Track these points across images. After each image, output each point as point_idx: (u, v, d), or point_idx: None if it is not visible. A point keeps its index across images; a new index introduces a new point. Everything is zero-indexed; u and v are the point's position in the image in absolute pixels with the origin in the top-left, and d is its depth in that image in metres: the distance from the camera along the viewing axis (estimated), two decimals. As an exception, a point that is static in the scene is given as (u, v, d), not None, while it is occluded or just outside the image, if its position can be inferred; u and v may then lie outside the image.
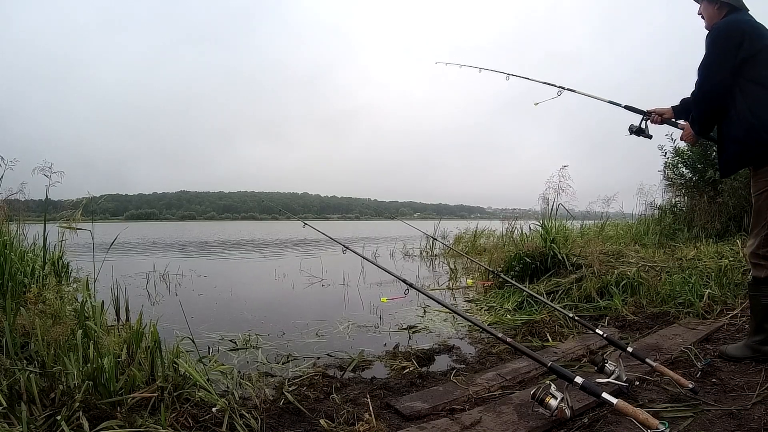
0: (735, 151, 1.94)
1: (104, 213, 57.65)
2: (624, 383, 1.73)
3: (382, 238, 16.27)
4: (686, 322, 2.78)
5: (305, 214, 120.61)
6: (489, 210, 30.69)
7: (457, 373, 2.23)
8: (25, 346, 2.01)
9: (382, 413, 1.76)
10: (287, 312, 3.98)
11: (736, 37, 1.85)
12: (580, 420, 1.55)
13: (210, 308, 4.14)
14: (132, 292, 4.45)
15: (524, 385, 2.01)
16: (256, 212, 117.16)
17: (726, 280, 3.25)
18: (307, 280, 5.88)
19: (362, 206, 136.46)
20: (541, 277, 4.19)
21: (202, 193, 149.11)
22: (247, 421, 1.64)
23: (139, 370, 1.78)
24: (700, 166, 5.36)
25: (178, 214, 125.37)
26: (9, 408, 1.51)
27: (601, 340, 2.37)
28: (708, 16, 2.05)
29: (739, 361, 1.97)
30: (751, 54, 1.84)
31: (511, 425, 1.53)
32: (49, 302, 2.24)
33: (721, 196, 5.15)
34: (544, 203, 5.03)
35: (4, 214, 3.00)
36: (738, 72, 1.86)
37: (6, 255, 2.59)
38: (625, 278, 3.58)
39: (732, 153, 1.95)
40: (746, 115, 1.85)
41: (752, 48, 1.84)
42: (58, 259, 3.94)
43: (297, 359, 2.63)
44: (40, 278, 3.06)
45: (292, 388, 2.03)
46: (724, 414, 1.50)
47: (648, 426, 1.27)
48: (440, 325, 3.47)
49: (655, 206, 6.39)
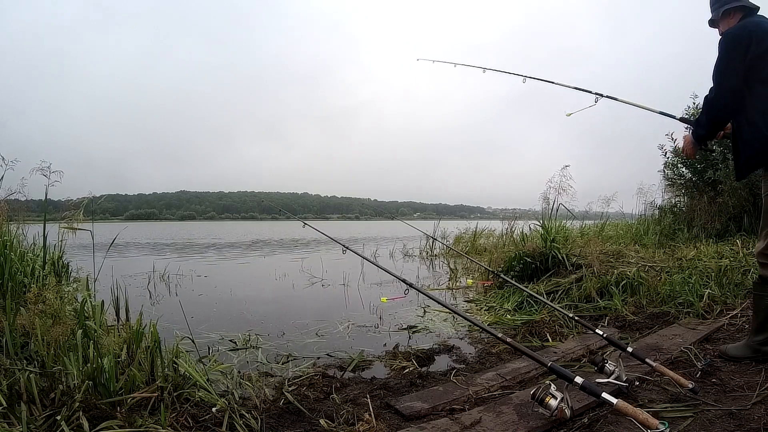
0: (747, 154, 1.94)
1: (104, 213, 57.70)
2: (624, 383, 1.73)
3: (382, 238, 16.27)
4: (686, 322, 2.78)
5: (305, 214, 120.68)
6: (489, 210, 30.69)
7: (457, 373, 2.23)
8: (25, 346, 2.01)
9: (382, 413, 1.76)
10: (287, 312, 3.98)
11: (744, 42, 1.86)
12: (580, 420, 1.55)
13: (210, 308, 4.14)
14: (132, 292, 4.45)
15: (524, 385, 2.01)
16: (256, 212, 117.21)
17: (726, 280, 3.25)
18: (307, 280, 5.88)
19: (362, 206, 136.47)
20: (541, 277, 4.19)
21: (202, 193, 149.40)
22: (247, 421, 1.64)
23: (139, 370, 1.78)
24: (699, 166, 5.36)
25: (178, 214, 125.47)
26: (9, 408, 1.51)
27: (601, 340, 2.37)
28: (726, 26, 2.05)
29: (739, 361, 1.97)
30: (758, 54, 1.84)
31: (511, 425, 1.53)
32: (49, 302, 2.24)
33: (721, 196, 5.15)
34: (545, 203, 5.04)
35: (4, 214, 3.00)
36: (747, 74, 1.86)
37: (6, 255, 2.59)
38: (625, 278, 3.58)
39: (745, 156, 1.96)
40: (755, 118, 1.85)
41: (758, 49, 1.84)
42: (58, 259, 3.94)
43: (297, 359, 2.63)
44: (40, 278, 3.05)
45: (292, 388, 2.03)
46: (724, 414, 1.50)
47: (648, 426, 1.27)
48: (440, 325, 3.47)
49: (655, 206, 6.40)
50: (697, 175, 5.45)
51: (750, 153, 1.92)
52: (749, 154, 1.93)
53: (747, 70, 1.86)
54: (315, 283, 5.66)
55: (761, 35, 1.85)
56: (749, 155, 1.93)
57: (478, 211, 62.67)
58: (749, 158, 1.94)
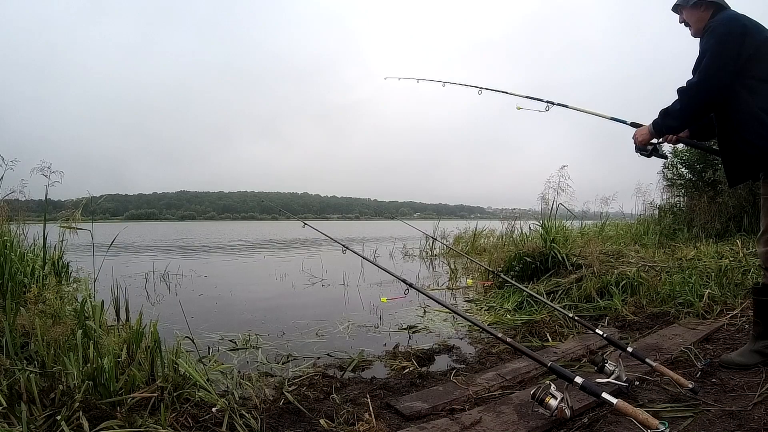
0: (752, 155, 1.78)
1: (104, 213, 57.68)
2: (624, 383, 1.73)
3: (382, 238, 16.27)
4: (686, 322, 2.78)
5: (305, 214, 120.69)
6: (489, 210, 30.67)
7: (457, 373, 2.23)
8: (25, 346, 2.01)
9: (382, 413, 1.76)
10: (287, 312, 3.98)
11: (738, 34, 1.77)
12: (580, 420, 1.55)
13: (210, 308, 4.14)
14: (132, 292, 4.45)
15: (524, 385, 2.01)
16: (256, 212, 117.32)
17: (726, 280, 3.25)
18: (307, 280, 5.89)
19: (362, 206, 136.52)
20: (541, 277, 4.19)
21: (201, 193, 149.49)
22: (247, 421, 1.64)
23: (139, 370, 1.78)
24: (698, 166, 5.36)
25: (178, 214, 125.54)
26: (9, 408, 1.51)
27: (601, 340, 2.37)
28: (695, 20, 1.96)
29: (748, 369, 1.88)
30: (754, 50, 1.75)
31: (511, 425, 1.53)
32: (49, 302, 2.24)
33: (720, 196, 5.16)
34: (544, 203, 5.04)
35: (4, 214, 3.00)
36: (742, 71, 1.76)
37: (6, 255, 2.59)
38: (625, 278, 3.58)
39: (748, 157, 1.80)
40: (763, 116, 1.73)
41: (753, 44, 1.76)
42: (58, 259, 3.94)
43: (297, 359, 2.63)
44: (40, 278, 3.05)
45: (292, 388, 2.03)
46: (724, 414, 1.50)
47: (648, 426, 1.27)
48: (440, 325, 3.47)
49: (655, 206, 6.41)
50: (697, 175, 5.46)
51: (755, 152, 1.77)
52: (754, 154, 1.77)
53: (742, 65, 1.76)
54: (315, 283, 5.66)
55: (755, 30, 1.78)
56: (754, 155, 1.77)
57: (478, 211, 62.68)
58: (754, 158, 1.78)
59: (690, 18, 1.99)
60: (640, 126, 2.12)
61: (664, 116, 1.96)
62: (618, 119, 2.26)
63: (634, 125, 2.18)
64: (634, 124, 2.19)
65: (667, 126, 1.97)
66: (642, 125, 2.12)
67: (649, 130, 2.02)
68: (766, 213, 1.87)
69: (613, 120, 2.27)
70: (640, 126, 2.13)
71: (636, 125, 2.17)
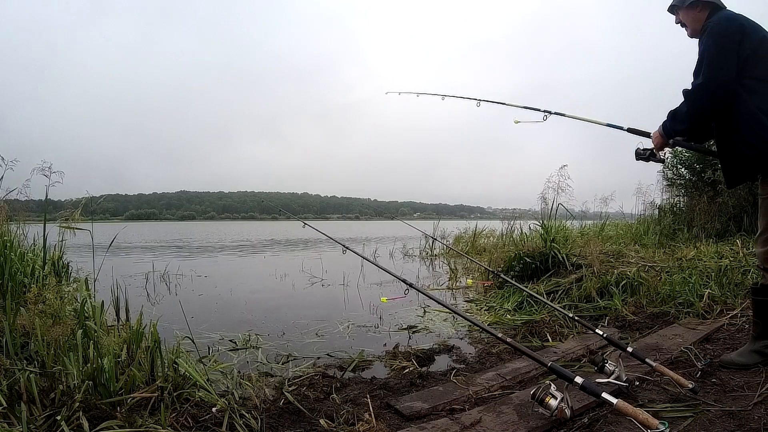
0: (751, 156, 1.77)
1: (104, 213, 57.67)
2: (624, 383, 1.73)
3: (381, 238, 16.27)
4: (686, 322, 2.78)
5: (305, 214, 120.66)
6: (489, 210, 30.68)
7: (457, 373, 2.23)
8: (25, 346, 2.01)
9: (382, 413, 1.76)
10: (287, 312, 3.98)
11: (736, 34, 1.76)
12: (580, 420, 1.55)
13: (210, 308, 4.14)
14: (132, 292, 4.45)
15: (524, 385, 2.01)
16: (256, 212, 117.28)
17: (726, 280, 3.25)
18: (307, 280, 5.89)
19: (362, 206, 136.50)
20: (541, 277, 4.19)
21: (202, 193, 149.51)
22: (247, 421, 1.64)
23: (139, 370, 1.78)
24: (698, 166, 5.37)
25: (178, 214, 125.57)
26: (9, 408, 1.51)
27: (601, 340, 2.37)
28: (691, 20, 1.96)
29: (748, 369, 1.88)
30: (752, 50, 1.75)
31: (511, 425, 1.53)
32: (49, 302, 2.24)
33: (720, 196, 5.16)
34: (544, 203, 5.04)
35: (4, 214, 3.00)
36: (740, 71, 1.75)
37: (6, 255, 2.59)
38: (625, 278, 3.58)
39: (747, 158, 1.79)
40: (761, 117, 1.72)
41: (750, 44, 1.75)
42: (58, 259, 3.94)
43: (297, 359, 2.63)
44: (40, 278, 3.05)
45: (292, 388, 2.03)
46: (724, 414, 1.50)
47: (648, 426, 1.27)
48: (440, 325, 3.47)
49: (655, 206, 6.41)
50: (696, 176, 5.46)
51: (754, 153, 1.75)
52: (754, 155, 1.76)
53: (742, 65, 1.74)
54: (315, 283, 5.66)
55: (752, 30, 1.78)
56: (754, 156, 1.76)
57: (478, 211, 62.66)
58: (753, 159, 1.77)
59: (686, 19, 1.99)
60: (637, 132, 2.12)
61: (672, 119, 1.94)
62: (614, 125, 2.25)
63: (630, 131, 2.17)
64: (630, 129, 2.17)
65: (675, 129, 1.94)
66: (639, 131, 2.12)
67: (660, 133, 2.00)
68: (764, 213, 1.86)
69: (609, 126, 2.27)
70: (636, 132, 2.13)
71: (633, 131, 2.15)
